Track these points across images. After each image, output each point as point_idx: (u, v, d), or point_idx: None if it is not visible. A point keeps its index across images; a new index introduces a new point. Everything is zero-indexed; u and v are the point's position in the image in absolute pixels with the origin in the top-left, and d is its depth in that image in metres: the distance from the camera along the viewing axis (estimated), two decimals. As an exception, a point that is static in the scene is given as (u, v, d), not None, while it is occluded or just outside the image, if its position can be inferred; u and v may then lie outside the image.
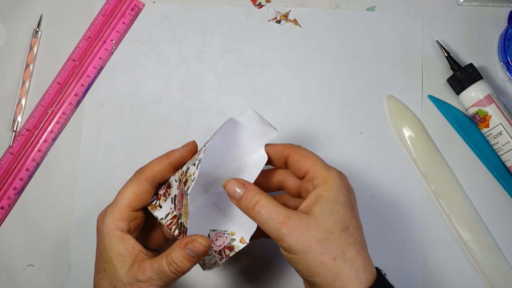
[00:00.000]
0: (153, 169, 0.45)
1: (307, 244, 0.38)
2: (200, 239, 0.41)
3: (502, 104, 0.54)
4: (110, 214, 0.44)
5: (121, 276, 0.43)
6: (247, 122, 0.45)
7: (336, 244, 0.38)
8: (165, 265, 0.42)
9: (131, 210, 0.45)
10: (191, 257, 0.41)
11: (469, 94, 0.54)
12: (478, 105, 0.53)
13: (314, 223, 0.38)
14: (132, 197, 0.44)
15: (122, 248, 0.43)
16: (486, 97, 0.53)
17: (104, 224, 0.44)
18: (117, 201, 0.45)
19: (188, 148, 0.46)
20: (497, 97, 0.54)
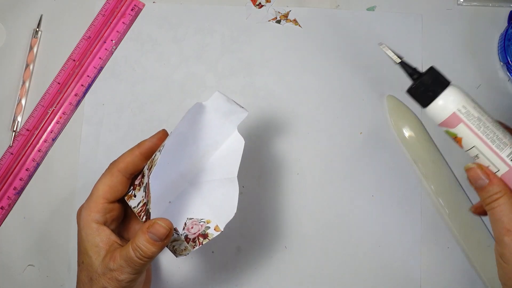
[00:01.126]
0: (125, 160, 0.46)
1: None
2: (160, 221, 0.41)
3: (475, 120, 0.38)
4: (86, 207, 0.45)
5: (96, 267, 0.43)
6: (215, 104, 0.45)
7: None
8: (131, 251, 0.41)
9: (106, 202, 0.45)
10: (154, 240, 0.41)
11: (433, 111, 0.39)
12: (444, 125, 0.39)
13: None
14: (106, 189, 0.45)
15: (98, 239, 0.44)
16: (450, 116, 0.38)
17: (81, 217, 0.45)
18: (92, 194, 0.45)
19: (158, 136, 0.46)
20: (467, 112, 0.38)
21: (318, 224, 0.57)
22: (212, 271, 0.56)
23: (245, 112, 0.46)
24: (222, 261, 0.56)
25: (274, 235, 0.57)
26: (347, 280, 0.56)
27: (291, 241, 0.57)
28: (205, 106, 0.45)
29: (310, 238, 0.56)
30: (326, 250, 0.56)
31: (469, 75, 0.59)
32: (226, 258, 0.56)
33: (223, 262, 0.56)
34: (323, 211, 0.57)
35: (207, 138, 0.47)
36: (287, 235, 0.57)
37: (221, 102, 0.45)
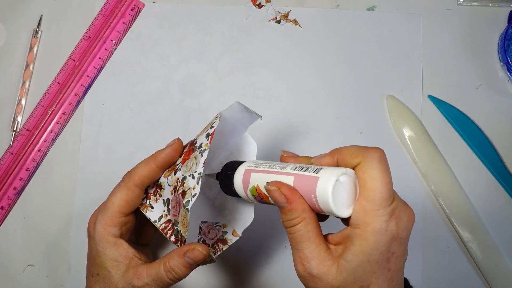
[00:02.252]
0: (141, 173, 0.45)
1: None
2: (200, 247, 0.42)
3: (261, 164, 0.41)
4: (101, 220, 0.45)
5: (116, 281, 0.43)
6: (230, 112, 0.44)
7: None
8: (163, 272, 0.42)
9: (122, 216, 0.45)
10: (190, 264, 0.42)
11: (237, 184, 0.42)
12: (245, 188, 0.41)
13: (331, 275, 0.36)
14: (122, 204, 0.45)
15: (116, 253, 0.44)
16: (245, 174, 0.41)
17: (96, 230, 0.45)
18: (107, 208, 0.45)
19: (174, 147, 0.45)
20: (255, 164, 0.41)
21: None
22: (212, 271, 0.56)
23: (257, 117, 0.45)
24: (222, 260, 0.56)
25: (274, 235, 0.57)
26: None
27: (291, 241, 0.56)
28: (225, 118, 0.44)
29: (310, 238, 0.56)
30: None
31: (469, 75, 0.59)
32: (227, 258, 0.56)
33: (223, 261, 0.56)
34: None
35: (218, 140, 0.47)
36: (287, 235, 0.56)
37: (237, 109, 0.44)
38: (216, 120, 0.43)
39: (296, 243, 0.37)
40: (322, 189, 0.34)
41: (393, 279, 0.36)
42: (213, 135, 0.42)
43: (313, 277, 0.36)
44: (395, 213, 0.35)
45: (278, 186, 0.37)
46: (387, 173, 0.35)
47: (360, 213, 0.35)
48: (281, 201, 0.36)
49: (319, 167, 0.36)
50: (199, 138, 0.44)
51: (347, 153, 0.36)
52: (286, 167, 0.38)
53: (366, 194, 0.34)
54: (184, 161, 0.44)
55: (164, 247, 0.56)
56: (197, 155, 0.42)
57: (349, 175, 0.35)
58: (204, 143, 0.42)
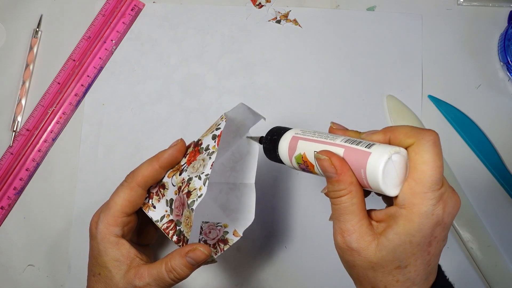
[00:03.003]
0: (144, 173, 0.45)
1: (352, 264, 0.37)
2: (201, 248, 0.42)
3: (309, 133, 0.41)
4: (104, 220, 0.45)
5: (117, 281, 0.43)
6: (234, 113, 0.44)
7: (381, 278, 0.36)
8: (164, 272, 0.42)
9: (125, 216, 0.45)
10: (191, 265, 0.42)
11: (281, 149, 0.42)
12: (291, 155, 0.41)
13: (370, 251, 0.36)
14: (125, 204, 0.45)
15: (118, 253, 0.44)
16: (291, 141, 0.41)
17: (98, 230, 0.45)
18: (110, 207, 0.45)
19: (177, 148, 0.45)
20: (302, 132, 0.41)
21: (318, 224, 0.57)
22: (212, 271, 0.56)
23: (261, 118, 0.45)
24: (222, 261, 0.56)
25: (274, 235, 0.57)
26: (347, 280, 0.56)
27: (291, 241, 0.57)
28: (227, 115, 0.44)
29: (310, 238, 0.56)
30: (326, 250, 0.56)
31: (469, 75, 0.59)
32: (227, 257, 0.56)
33: (223, 261, 0.56)
34: (323, 211, 0.57)
35: (220, 141, 0.46)
36: (287, 235, 0.57)
37: (241, 110, 0.44)
38: (222, 121, 0.43)
39: (339, 214, 0.37)
40: (373, 165, 0.34)
41: (430, 262, 0.36)
42: (220, 137, 0.42)
43: (352, 250, 0.36)
44: (443, 198, 0.35)
45: (329, 155, 0.36)
46: (440, 157, 0.35)
47: (407, 194, 0.34)
48: (330, 171, 0.36)
49: (371, 143, 0.35)
50: (204, 139, 0.44)
51: (401, 132, 0.36)
52: (336, 138, 0.38)
53: (416, 176, 0.34)
54: (190, 162, 0.44)
55: (165, 247, 0.56)
56: (205, 157, 0.42)
57: (402, 155, 0.35)
58: (211, 145, 0.42)
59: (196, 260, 0.42)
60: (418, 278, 0.36)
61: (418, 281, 0.36)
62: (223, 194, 0.49)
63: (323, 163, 0.36)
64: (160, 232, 0.50)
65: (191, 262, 0.42)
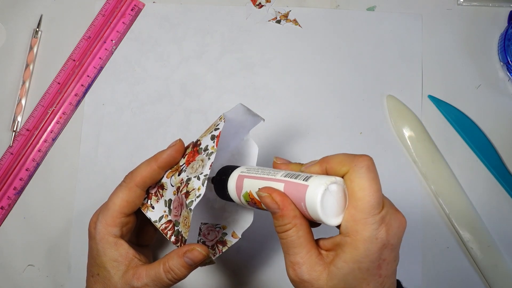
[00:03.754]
0: (142, 174, 0.45)
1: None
2: (199, 248, 0.42)
3: (253, 170, 0.41)
4: (102, 220, 0.45)
5: (115, 281, 0.43)
6: (233, 114, 0.44)
7: None
8: (162, 272, 0.42)
9: (123, 216, 0.45)
10: (189, 265, 0.42)
11: (230, 189, 0.42)
12: (239, 194, 0.41)
13: (322, 280, 0.35)
14: (123, 204, 0.45)
15: (116, 254, 0.44)
16: (238, 180, 0.41)
17: (96, 230, 0.45)
18: (108, 208, 0.45)
19: (176, 148, 0.45)
20: (248, 169, 0.41)
21: (318, 224, 0.57)
22: (212, 271, 0.56)
23: (260, 120, 0.45)
24: (222, 261, 0.56)
25: (274, 235, 0.56)
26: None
27: (291, 241, 0.56)
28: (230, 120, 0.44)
29: (310, 238, 0.56)
30: (326, 250, 0.56)
31: (469, 75, 0.59)
32: (226, 258, 0.56)
33: (222, 262, 0.56)
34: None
35: (220, 142, 0.46)
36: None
37: (240, 111, 0.44)
38: (221, 121, 0.43)
39: (287, 248, 0.37)
40: (311, 197, 0.34)
41: (384, 284, 0.36)
42: (219, 137, 0.42)
43: (304, 282, 0.36)
44: (385, 220, 0.35)
45: (270, 192, 0.37)
46: (375, 181, 0.35)
47: (349, 221, 0.35)
48: (273, 207, 0.37)
49: (309, 175, 0.36)
50: (203, 139, 0.44)
51: (336, 161, 0.36)
52: (277, 173, 0.38)
53: (355, 203, 0.34)
54: (188, 162, 0.44)
55: (164, 248, 0.56)
56: (204, 157, 0.42)
57: (338, 184, 0.35)
58: (210, 146, 0.42)
59: (194, 260, 0.42)
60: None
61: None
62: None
63: (265, 200, 0.37)
64: (159, 232, 0.50)
65: (188, 262, 0.42)
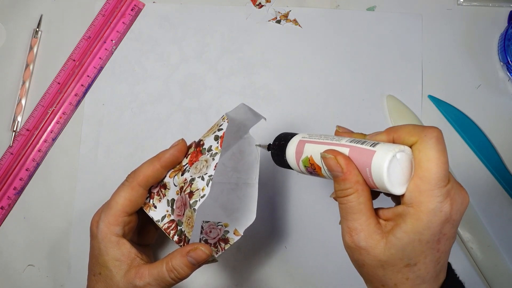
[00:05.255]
0: (145, 173, 0.45)
1: (361, 263, 0.37)
2: (203, 247, 0.42)
3: (316, 136, 0.42)
4: (105, 219, 0.45)
5: (117, 280, 0.43)
6: (235, 113, 0.44)
7: (390, 276, 0.36)
8: (165, 271, 0.42)
9: (126, 215, 0.45)
10: (192, 264, 0.42)
11: (289, 153, 0.42)
12: (298, 158, 0.41)
13: (379, 249, 0.35)
14: (126, 203, 0.45)
15: (118, 253, 0.44)
16: (298, 145, 0.42)
17: (99, 229, 0.45)
18: (111, 207, 0.45)
19: (178, 148, 0.45)
20: (309, 135, 0.42)
21: (318, 224, 0.57)
22: (212, 271, 0.56)
23: (261, 118, 0.45)
24: (222, 261, 0.56)
25: (274, 235, 0.57)
26: (347, 280, 0.56)
27: (291, 241, 0.57)
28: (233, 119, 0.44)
29: (310, 238, 0.56)
30: (326, 250, 0.56)
31: (469, 75, 0.59)
32: (226, 258, 0.56)
33: (223, 261, 0.56)
34: (323, 211, 0.57)
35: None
36: (287, 235, 0.57)
37: (242, 111, 0.44)
38: (224, 122, 0.43)
39: (346, 213, 0.37)
40: (378, 163, 0.34)
41: (440, 260, 0.36)
42: (223, 138, 0.42)
43: (360, 249, 0.36)
44: (450, 194, 0.34)
45: (335, 154, 0.36)
46: (444, 153, 0.35)
47: (414, 192, 0.34)
48: (336, 170, 0.36)
49: (376, 142, 0.35)
50: (206, 139, 0.44)
51: (404, 131, 0.36)
52: (341, 139, 0.38)
53: (421, 174, 0.34)
54: (192, 162, 0.44)
55: (165, 247, 0.56)
56: (208, 158, 0.42)
57: (406, 153, 0.34)
58: (214, 146, 0.42)
59: (197, 259, 0.42)
60: (428, 276, 0.36)
61: (428, 278, 0.36)
62: (224, 194, 0.49)
63: (329, 162, 0.36)
64: (160, 232, 0.50)
65: (192, 261, 0.42)
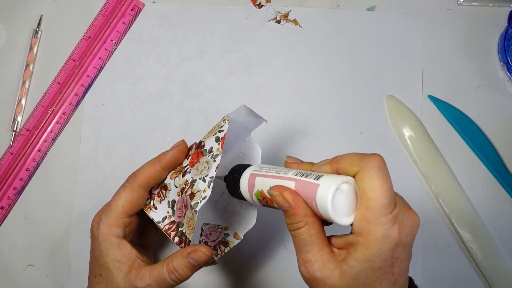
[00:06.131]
0: (146, 174, 0.45)
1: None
2: (203, 249, 0.42)
3: (266, 169, 0.41)
4: (105, 220, 0.45)
5: (118, 282, 0.43)
6: (236, 115, 0.44)
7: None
8: (165, 272, 0.42)
9: (126, 217, 0.45)
10: (193, 266, 0.42)
11: (242, 187, 0.42)
12: (251, 192, 0.41)
13: (334, 278, 0.36)
14: (126, 204, 0.45)
15: (119, 254, 0.44)
16: (250, 178, 0.41)
17: (99, 230, 0.45)
18: (111, 208, 0.45)
19: (179, 149, 0.45)
20: (260, 168, 0.41)
21: (318, 224, 0.57)
22: (213, 271, 0.56)
23: (263, 121, 0.45)
24: (222, 261, 0.56)
25: (274, 235, 0.57)
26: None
27: (291, 241, 0.56)
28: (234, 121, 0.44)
29: (310, 238, 0.56)
30: (326, 250, 0.56)
31: (469, 75, 0.59)
32: (227, 258, 0.56)
33: (223, 262, 0.56)
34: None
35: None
36: (287, 235, 0.57)
37: (243, 113, 0.44)
38: (225, 123, 0.43)
39: (299, 246, 0.37)
40: (322, 196, 0.34)
41: (397, 281, 0.36)
42: (224, 139, 0.42)
43: (316, 280, 0.36)
44: (398, 219, 0.35)
45: (281, 190, 0.37)
46: (387, 180, 0.35)
47: (361, 221, 0.34)
48: (284, 206, 0.37)
49: (320, 174, 0.36)
50: (207, 141, 0.44)
51: (346, 161, 0.36)
52: (288, 172, 0.38)
53: (366, 203, 0.34)
54: (193, 163, 0.44)
55: (165, 249, 0.56)
56: (209, 159, 0.42)
57: (350, 183, 0.35)
58: (215, 148, 0.42)
59: (198, 261, 0.42)
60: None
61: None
62: (225, 197, 0.49)
63: (276, 199, 0.37)
64: (160, 233, 0.50)
65: (192, 263, 0.42)
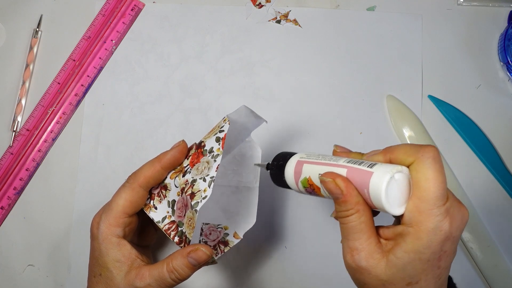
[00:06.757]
0: (146, 174, 0.45)
1: (363, 282, 0.37)
2: (203, 248, 0.42)
3: (313, 156, 0.41)
4: (105, 220, 0.45)
5: (118, 282, 0.43)
6: (236, 115, 0.44)
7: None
8: (165, 272, 0.42)
9: (126, 216, 0.45)
10: (193, 265, 0.42)
11: (287, 173, 0.42)
12: (297, 179, 0.41)
13: (380, 268, 0.36)
14: (126, 204, 0.45)
15: (119, 254, 0.44)
16: (297, 165, 0.41)
17: (99, 230, 0.45)
18: (111, 208, 0.45)
19: (179, 149, 0.45)
20: (307, 155, 0.41)
21: (317, 225, 0.57)
22: (212, 271, 0.56)
23: (263, 121, 0.45)
24: (222, 260, 0.56)
25: (274, 235, 0.57)
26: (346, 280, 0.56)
27: (291, 241, 0.57)
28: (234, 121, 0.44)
29: (310, 238, 0.56)
30: (326, 250, 0.56)
31: (469, 75, 0.59)
32: (227, 258, 0.56)
33: (223, 261, 0.56)
34: (323, 211, 0.57)
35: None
36: (287, 235, 0.57)
37: (243, 113, 0.44)
38: (225, 123, 0.43)
39: (347, 233, 0.37)
40: (376, 184, 0.34)
41: (441, 276, 0.36)
42: (225, 139, 0.42)
43: (361, 269, 0.36)
44: (449, 212, 0.34)
45: (333, 177, 0.36)
46: (441, 172, 0.35)
47: (413, 212, 0.34)
48: (336, 193, 0.36)
49: (373, 163, 0.35)
50: (207, 141, 0.44)
51: (401, 151, 0.36)
52: (339, 160, 0.38)
53: (420, 194, 0.34)
54: (193, 163, 0.44)
55: (165, 248, 0.56)
56: (209, 159, 0.42)
57: (404, 173, 0.34)
58: (215, 148, 0.42)
59: (198, 260, 0.42)
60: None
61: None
62: (225, 197, 0.49)
63: (328, 185, 0.36)
64: (159, 233, 0.50)
65: (192, 262, 0.42)
